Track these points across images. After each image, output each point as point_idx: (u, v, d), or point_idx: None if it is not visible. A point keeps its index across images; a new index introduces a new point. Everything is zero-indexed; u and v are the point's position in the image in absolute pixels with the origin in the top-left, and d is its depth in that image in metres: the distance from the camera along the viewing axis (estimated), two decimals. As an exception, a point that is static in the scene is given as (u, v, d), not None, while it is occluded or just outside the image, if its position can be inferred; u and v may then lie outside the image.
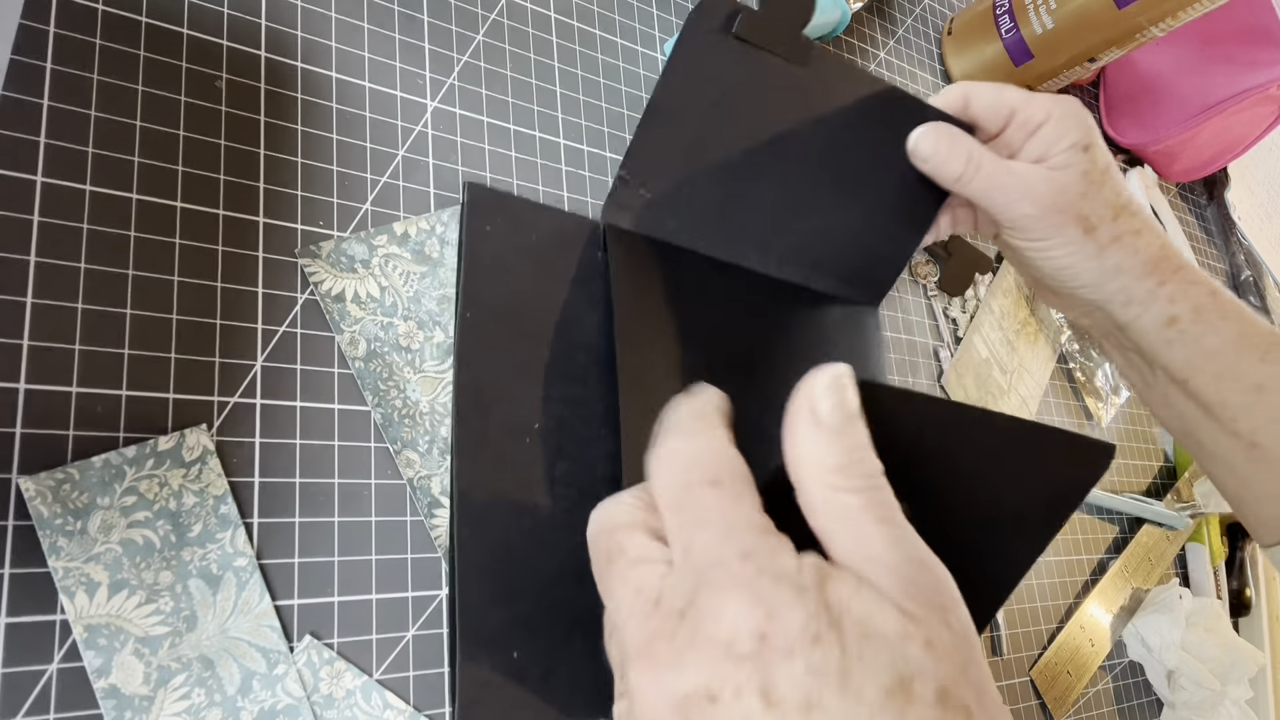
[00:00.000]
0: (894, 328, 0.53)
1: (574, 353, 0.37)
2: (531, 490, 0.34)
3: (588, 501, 0.35)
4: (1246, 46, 0.70)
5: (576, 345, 0.37)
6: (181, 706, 0.27)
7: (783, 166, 0.41)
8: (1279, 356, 0.38)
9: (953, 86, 0.40)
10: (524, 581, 0.32)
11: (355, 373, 0.33)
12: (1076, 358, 0.64)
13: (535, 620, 0.32)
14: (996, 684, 0.50)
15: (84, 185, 0.29)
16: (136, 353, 0.29)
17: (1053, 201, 0.37)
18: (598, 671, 0.33)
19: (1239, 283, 0.87)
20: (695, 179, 0.40)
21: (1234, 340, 0.38)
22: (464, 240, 0.36)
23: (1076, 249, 0.38)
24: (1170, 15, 0.54)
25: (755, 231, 0.43)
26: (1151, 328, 0.39)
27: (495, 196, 0.37)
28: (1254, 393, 0.38)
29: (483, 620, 0.31)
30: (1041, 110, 0.38)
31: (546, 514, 0.34)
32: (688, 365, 0.39)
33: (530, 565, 0.33)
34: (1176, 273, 0.38)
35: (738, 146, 0.40)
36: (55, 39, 0.30)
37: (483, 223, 0.36)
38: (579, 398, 0.37)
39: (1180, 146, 0.75)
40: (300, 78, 0.35)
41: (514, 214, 0.37)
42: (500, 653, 0.31)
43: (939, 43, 0.64)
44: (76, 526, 0.26)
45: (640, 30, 0.47)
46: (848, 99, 0.41)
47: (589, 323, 0.38)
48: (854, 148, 0.42)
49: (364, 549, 0.32)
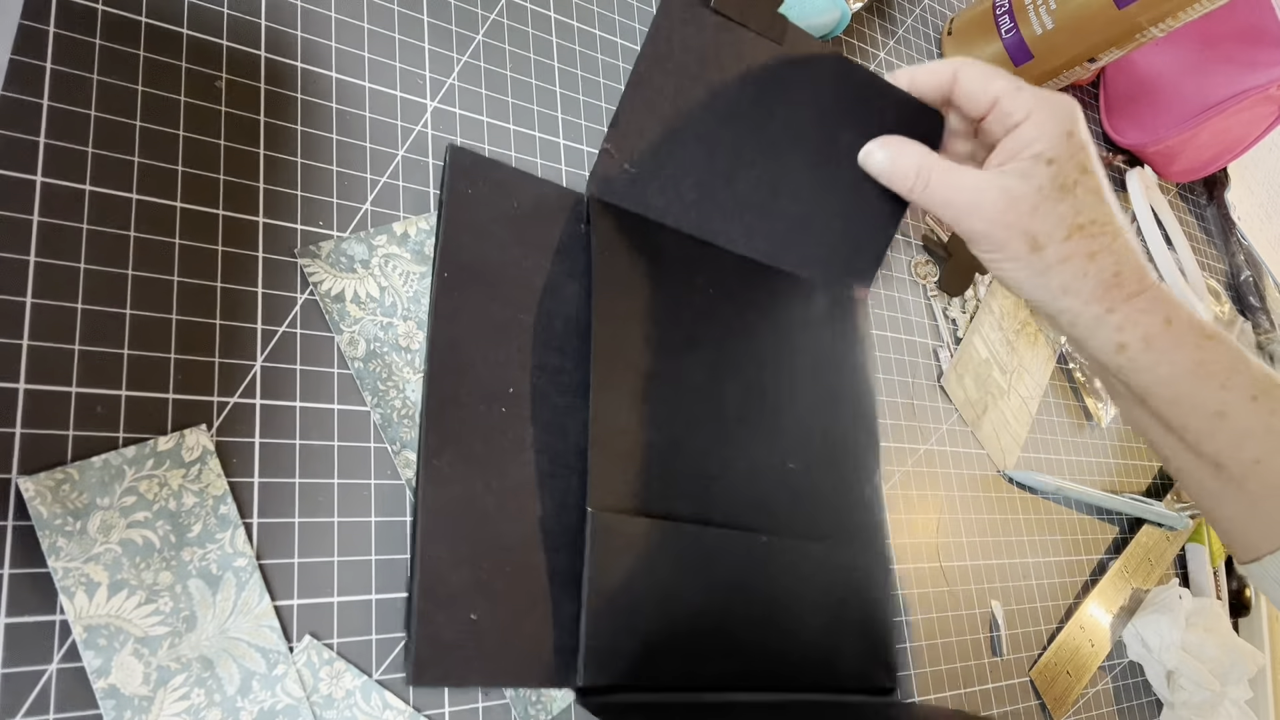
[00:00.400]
0: (894, 328, 0.53)
1: (552, 321, 0.37)
2: (502, 455, 0.34)
3: (559, 470, 0.35)
4: (1246, 46, 0.70)
5: (555, 314, 0.37)
6: (181, 707, 0.27)
7: (763, 147, 0.41)
8: (1240, 382, 0.36)
9: (947, 61, 0.39)
10: (487, 545, 0.32)
11: (355, 373, 0.33)
12: (1076, 358, 0.64)
13: (497, 584, 0.32)
14: (996, 684, 0.50)
15: (84, 185, 0.29)
16: (136, 353, 0.29)
17: (1000, 215, 0.36)
18: (560, 639, 0.32)
19: (1239, 283, 0.87)
20: (678, 156, 0.39)
21: (1190, 369, 0.36)
22: (444, 201, 0.35)
23: (1022, 265, 0.37)
24: (1170, 15, 0.54)
25: (738, 212, 0.42)
26: (1102, 351, 0.38)
27: (478, 160, 0.37)
28: (1215, 419, 0.37)
29: (442, 580, 0.30)
30: (1022, 108, 0.37)
31: (516, 480, 0.34)
32: (664, 343, 0.39)
33: (496, 529, 0.32)
34: (1129, 300, 0.36)
35: (719, 124, 0.39)
36: (55, 39, 0.30)
37: (464, 185, 0.36)
38: (556, 366, 0.36)
39: (1180, 146, 0.75)
40: (300, 78, 0.35)
41: (497, 180, 0.37)
42: (458, 613, 0.30)
43: (939, 43, 0.64)
44: (76, 527, 0.26)
45: (640, 30, 0.47)
46: (823, 80, 0.40)
47: (568, 293, 0.38)
48: (830, 130, 0.41)
49: (364, 549, 0.32)
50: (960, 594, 0.50)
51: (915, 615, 0.47)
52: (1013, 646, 0.52)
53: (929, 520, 0.50)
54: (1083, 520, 0.61)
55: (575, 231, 0.39)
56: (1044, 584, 0.56)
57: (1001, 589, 0.53)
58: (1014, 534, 0.55)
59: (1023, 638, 0.53)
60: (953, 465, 0.53)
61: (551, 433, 0.35)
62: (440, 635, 0.30)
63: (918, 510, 0.50)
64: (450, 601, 0.30)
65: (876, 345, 0.51)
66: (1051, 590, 0.56)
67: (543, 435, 0.35)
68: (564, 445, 0.35)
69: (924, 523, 0.50)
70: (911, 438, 0.51)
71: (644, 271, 0.39)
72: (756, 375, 0.42)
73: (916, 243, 0.57)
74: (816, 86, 0.40)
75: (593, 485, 0.34)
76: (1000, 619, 0.51)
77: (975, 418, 0.55)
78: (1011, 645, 0.52)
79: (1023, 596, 0.54)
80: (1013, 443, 0.57)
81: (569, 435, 0.36)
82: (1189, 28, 0.67)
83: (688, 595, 0.36)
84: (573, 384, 0.37)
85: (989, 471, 0.55)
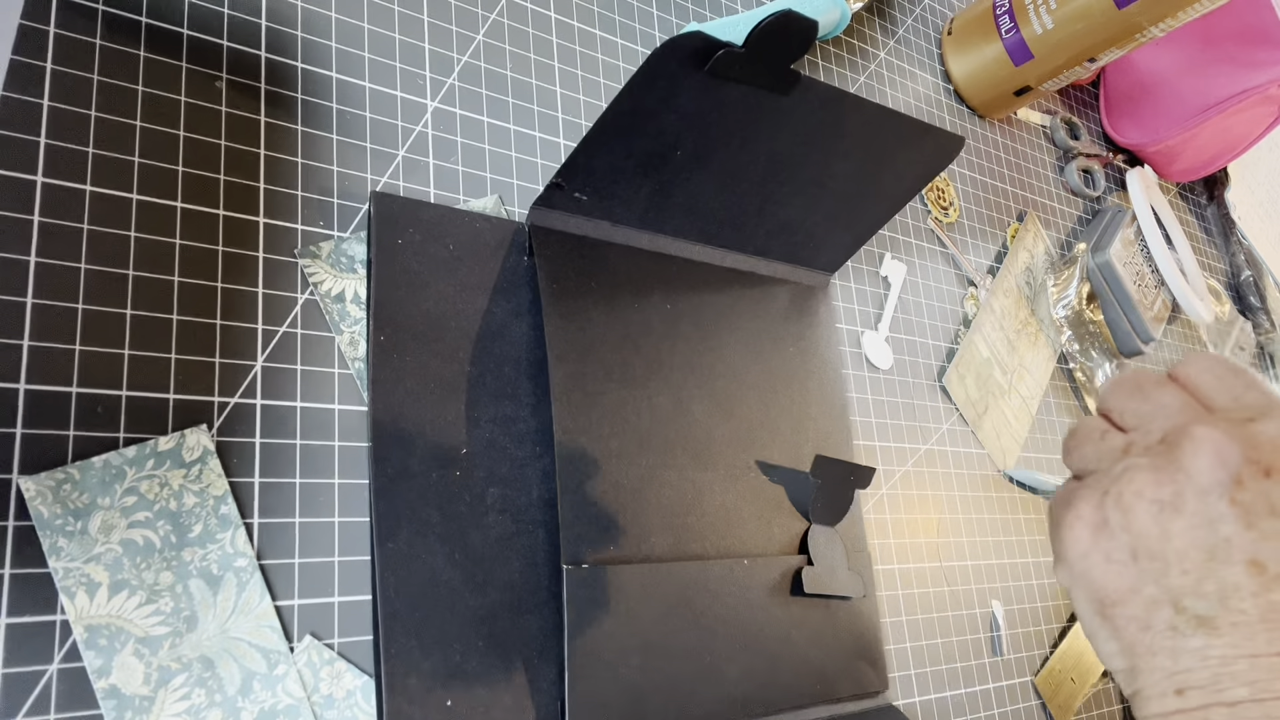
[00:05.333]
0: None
1: (501, 368, 0.35)
2: (462, 522, 0.32)
3: (524, 527, 0.33)
4: (1246, 46, 0.70)
5: (504, 360, 0.35)
6: (182, 707, 0.27)
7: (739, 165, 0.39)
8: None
9: None
10: (457, 624, 0.31)
11: (355, 373, 0.33)
12: (1077, 358, 0.64)
13: (470, 665, 0.30)
14: (996, 684, 0.50)
15: (84, 185, 0.29)
16: (136, 353, 0.29)
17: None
18: (541, 707, 0.31)
19: (1239, 282, 0.87)
20: (638, 181, 0.37)
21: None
22: (373, 257, 0.33)
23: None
24: (1170, 15, 0.54)
25: (699, 224, 0.41)
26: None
27: (405, 206, 0.35)
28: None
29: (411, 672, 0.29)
30: None
31: (479, 546, 0.32)
32: (626, 373, 0.37)
33: (464, 604, 0.31)
34: None
35: (690, 151, 0.37)
36: (55, 39, 0.30)
37: (394, 236, 0.34)
38: (509, 415, 0.35)
39: (1180, 146, 0.75)
40: (300, 78, 0.35)
41: (427, 223, 0.35)
42: (433, 704, 0.29)
43: (939, 43, 0.64)
44: (77, 527, 0.26)
45: (640, 30, 0.47)
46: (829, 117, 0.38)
47: (516, 334, 0.36)
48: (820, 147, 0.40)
49: (364, 549, 0.32)
50: (960, 594, 0.50)
51: (916, 615, 0.47)
52: (1013, 646, 0.52)
53: (929, 520, 0.50)
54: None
55: (517, 265, 0.36)
56: (1044, 584, 0.56)
57: (1001, 589, 0.53)
58: (1014, 534, 0.55)
59: (1023, 638, 0.53)
60: (953, 465, 0.53)
61: (512, 488, 0.34)
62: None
63: (918, 510, 0.50)
64: (424, 694, 0.29)
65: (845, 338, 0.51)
66: (1052, 590, 0.56)
67: (503, 493, 0.33)
68: (526, 499, 0.34)
69: (924, 523, 0.50)
70: (912, 438, 0.51)
71: (596, 298, 0.37)
72: (724, 389, 0.41)
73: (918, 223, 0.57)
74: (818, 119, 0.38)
75: (565, 539, 0.33)
76: (1000, 619, 0.51)
77: (976, 417, 0.55)
78: (1012, 645, 0.52)
79: (1023, 596, 0.54)
80: (1013, 442, 0.57)
81: (531, 488, 0.34)
82: (1189, 28, 0.67)
83: (672, 637, 0.35)
84: (529, 431, 0.35)
85: (989, 471, 0.55)
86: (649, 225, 0.40)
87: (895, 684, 0.44)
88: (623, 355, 0.37)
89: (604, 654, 0.33)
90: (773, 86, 0.35)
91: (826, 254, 0.47)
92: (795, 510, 0.41)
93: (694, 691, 0.35)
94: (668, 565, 0.35)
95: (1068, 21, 0.56)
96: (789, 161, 0.40)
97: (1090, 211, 0.73)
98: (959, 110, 0.64)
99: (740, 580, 0.38)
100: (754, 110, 0.36)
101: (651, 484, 0.36)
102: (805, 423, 0.44)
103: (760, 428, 0.41)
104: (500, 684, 0.31)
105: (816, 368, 0.45)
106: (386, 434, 0.32)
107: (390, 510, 0.31)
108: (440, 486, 0.32)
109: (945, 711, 0.46)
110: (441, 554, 0.31)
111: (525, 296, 0.36)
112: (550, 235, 0.37)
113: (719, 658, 0.36)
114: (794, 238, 0.44)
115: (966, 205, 0.61)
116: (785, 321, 0.44)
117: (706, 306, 0.42)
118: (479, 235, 0.36)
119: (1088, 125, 0.77)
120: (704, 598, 0.36)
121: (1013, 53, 0.60)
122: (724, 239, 0.42)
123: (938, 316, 0.56)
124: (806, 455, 0.43)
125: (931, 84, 0.63)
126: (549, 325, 0.35)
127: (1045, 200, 0.69)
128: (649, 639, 0.34)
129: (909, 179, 0.44)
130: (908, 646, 0.46)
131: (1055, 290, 0.64)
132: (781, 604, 0.39)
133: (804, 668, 0.39)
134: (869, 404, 0.49)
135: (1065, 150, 0.73)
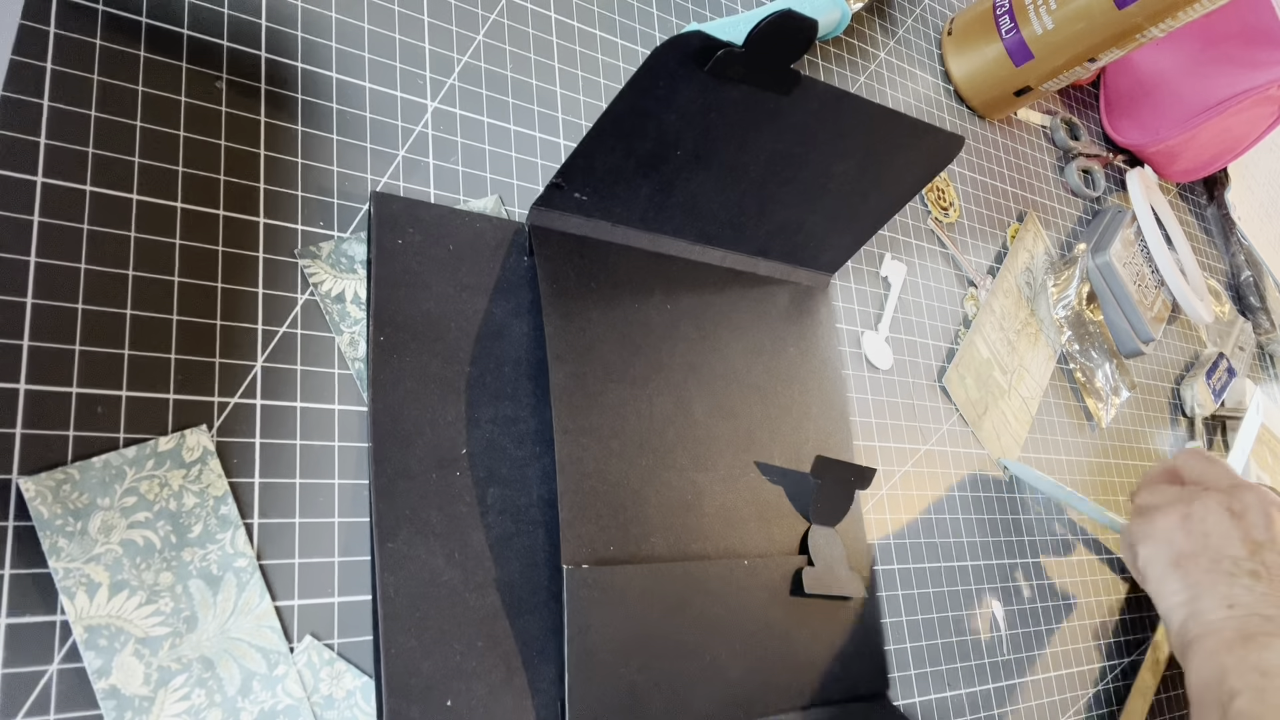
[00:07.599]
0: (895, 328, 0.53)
1: (501, 368, 0.35)
2: (461, 522, 0.32)
3: (524, 527, 0.33)
4: (1246, 46, 0.70)
5: (503, 360, 0.35)
6: (182, 707, 0.27)
7: (739, 165, 0.39)
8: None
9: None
10: (457, 623, 0.31)
11: (355, 373, 0.33)
12: (1077, 358, 0.64)
13: (470, 664, 0.30)
14: (997, 684, 0.50)
15: (84, 185, 0.29)
16: (136, 353, 0.29)
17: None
18: (542, 707, 0.31)
19: (1239, 282, 0.87)
20: (638, 181, 0.37)
21: None
22: (373, 257, 0.33)
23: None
24: (1170, 15, 0.54)
25: (700, 224, 0.41)
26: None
27: (405, 206, 0.35)
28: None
29: (413, 671, 0.29)
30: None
31: (479, 546, 0.32)
32: (626, 373, 0.37)
33: (464, 604, 0.31)
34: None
35: (690, 151, 0.37)
36: (55, 39, 0.30)
37: (394, 236, 0.34)
38: (509, 416, 0.35)
39: (1180, 146, 0.75)
40: (300, 78, 0.35)
41: (427, 224, 0.35)
42: (433, 704, 0.29)
43: (939, 43, 0.64)
44: (77, 527, 0.26)
45: (640, 30, 0.47)
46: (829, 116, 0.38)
47: (516, 334, 0.36)
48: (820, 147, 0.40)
49: (364, 549, 0.32)
50: (960, 594, 0.50)
51: (916, 615, 0.47)
52: (1013, 646, 0.52)
53: (929, 520, 0.50)
54: (1083, 519, 0.61)
55: (517, 265, 0.36)
56: (1044, 584, 0.56)
57: (1001, 589, 0.53)
58: (1014, 534, 0.55)
59: (1023, 638, 0.53)
60: (953, 465, 0.53)
61: (512, 488, 0.34)
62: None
63: (918, 510, 0.50)
64: (425, 694, 0.29)
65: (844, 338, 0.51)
66: (1052, 590, 0.56)
67: (502, 493, 0.33)
68: (526, 500, 0.34)
69: (924, 522, 0.50)
70: (912, 438, 0.51)
71: (596, 298, 0.37)
72: (725, 389, 0.41)
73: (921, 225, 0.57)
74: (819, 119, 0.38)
75: (565, 539, 0.33)
76: (1000, 619, 0.51)
77: (976, 418, 0.55)
78: (1012, 645, 0.52)
79: (1023, 597, 0.54)
80: (1013, 443, 0.57)
81: (530, 488, 0.34)
82: (1189, 28, 0.67)
83: (673, 637, 0.35)
84: (529, 432, 0.35)
85: (989, 472, 0.55)
86: (649, 225, 0.40)
87: (895, 684, 0.44)
88: (623, 355, 0.37)
89: (604, 654, 0.33)
90: (773, 86, 0.35)
91: (827, 254, 0.47)
92: (795, 511, 0.41)
93: (694, 692, 0.35)
94: (668, 565, 0.35)
95: (1068, 22, 0.56)
96: (789, 161, 0.40)
97: (1090, 212, 0.73)
98: (959, 110, 0.64)
99: (740, 581, 0.38)
100: (754, 110, 0.36)
101: (651, 484, 0.36)
102: (805, 423, 0.44)
103: (760, 428, 0.41)
104: (500, 684, 0.31)
105: (817, 368, 0.45)
106: (386, 434, 0.32)
107: (390, 510, 0.31)
108: (440, 487, 0.32)
109: (945, 711, 0.46)
110: (441, 554, 0.31)
111: (525, 297, 0.36)
112: (550, 235, 0.37)
113: (719, 658, 0.36)
114: (794, 238, 0.44)
115: (966, 205, 0.61)
116: (785, 322, 0.44)
117: (707, 307, 0.41)
118: (479, 235, 0.36)
119: (1088, 125, 0.77)
120: (704, 598, 0.36)
121: (1013, 53, 0.60)
122: (724, 239, 0.42)
123: (938, 317, 0.56)
124: (807, 455, 0.43)
125: (931, 84, 0.63)
126: (549, 325, 0.35)
127: (1045, 200, 0.69)
128: (649, 639, 0.34)
129: (909, 179, 0.44)
130: (908, 647, 0.46)
131: (1055, 290, 0.64)
132: (782, 604, 0.39)
133: (804, 668, 0.39)
134: (869, 404, 0.49)
135: (1065, 150, 0.73)
